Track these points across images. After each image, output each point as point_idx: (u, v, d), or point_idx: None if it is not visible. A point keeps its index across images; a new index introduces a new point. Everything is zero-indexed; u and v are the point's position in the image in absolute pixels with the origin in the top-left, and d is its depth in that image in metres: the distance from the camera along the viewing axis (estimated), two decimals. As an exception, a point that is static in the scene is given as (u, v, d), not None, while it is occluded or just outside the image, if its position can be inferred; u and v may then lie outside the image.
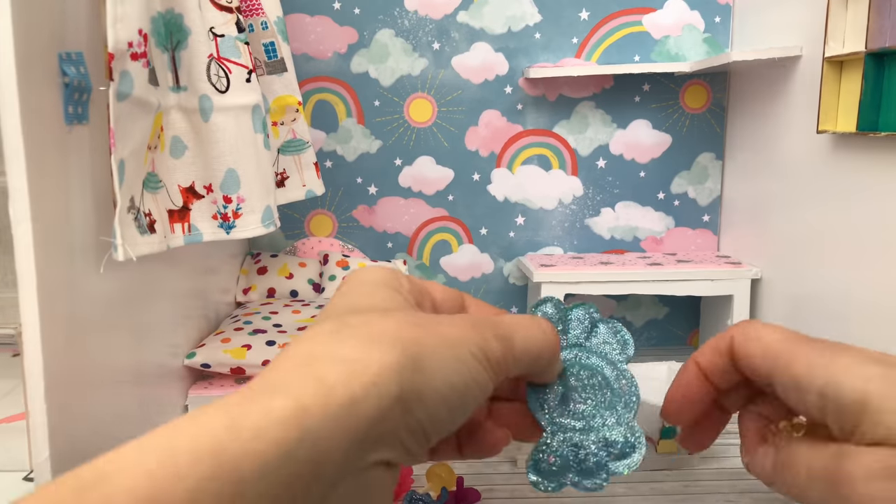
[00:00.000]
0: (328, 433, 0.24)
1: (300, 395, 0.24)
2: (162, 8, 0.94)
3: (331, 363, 0.26)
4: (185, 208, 1.03)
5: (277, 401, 0.24)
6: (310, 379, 0.25)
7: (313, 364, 0.26)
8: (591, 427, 0.34)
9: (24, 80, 0.72)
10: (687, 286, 1.37)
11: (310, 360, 0.26)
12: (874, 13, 0.93)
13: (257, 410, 0.24)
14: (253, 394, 0.25)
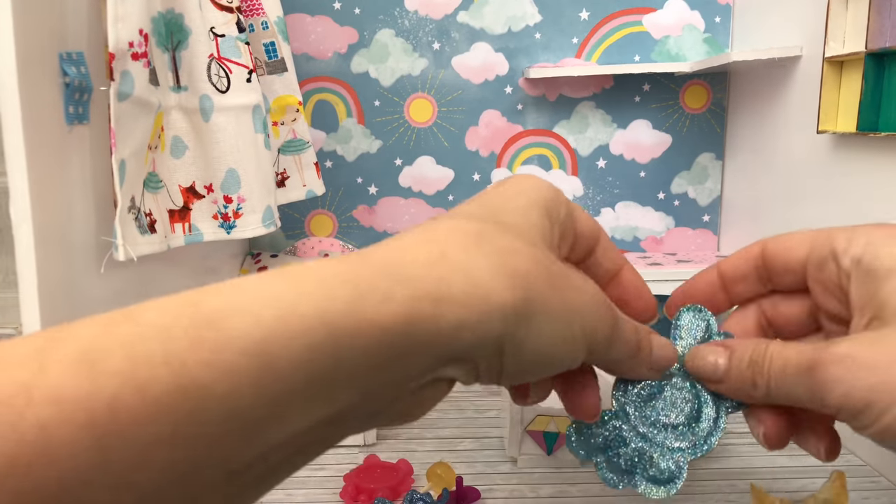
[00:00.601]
0: (428, 341, 0.25)
1: (421, 295, 0.25)
2: (162, 8, 0.94)
3: (459, 276, 0.26)
4: (186, 208, 1.03)
5: (399, 293, 0.24)
6: (434, 283, 0.25)
7: (445, 267, 0.26)
8: (651, 439, 0.34)
9: (24, 79, 0.72)
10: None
11: (443, 261, 0.26)
12: (874, 13, 0.93)
13: (378, 295, 0.24)
14: (381, 274, 0.25)
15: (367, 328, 0.23)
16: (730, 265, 0.39)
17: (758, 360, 0.33)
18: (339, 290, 0.23)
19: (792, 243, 0.37)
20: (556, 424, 0.88)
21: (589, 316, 0.30)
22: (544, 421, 0.88)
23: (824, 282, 0.35)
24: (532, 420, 0.88)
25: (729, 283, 0.39)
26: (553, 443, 0.89)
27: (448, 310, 0.25)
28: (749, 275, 0.38)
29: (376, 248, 0.27)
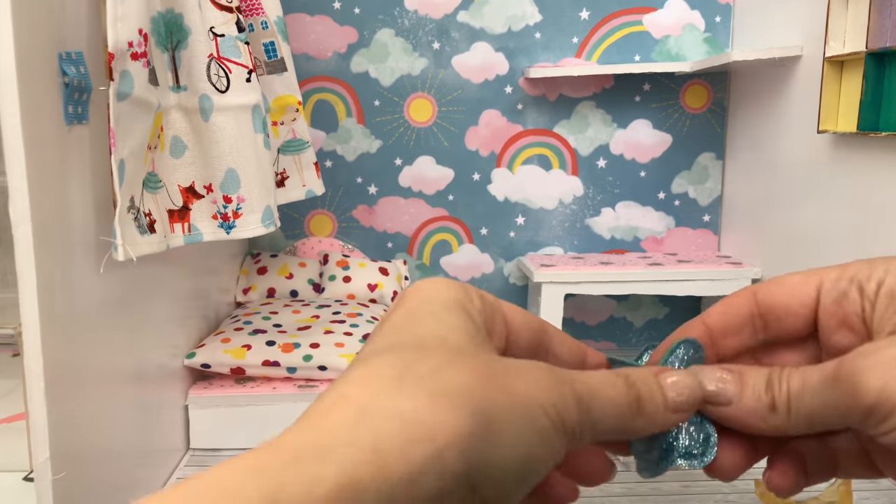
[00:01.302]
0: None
1: (352, 464, 0.21)
2: (162, 8, 0.94)
3: (389, 423, 0.22)
4: (185, 208, 1.03)
5: (327, 470, 0.20)
6: (364, 445, 0.21)
7: (369, 422, 0.22)
8: None
9: (24, 79, 0.71)
10: (687, 286, 1.37)
11: (364, 416, 0.22)
12: (875, 13, 0.93)
13: (302, 482, 0.20)
14: (297, 458, 0.21)
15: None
16: (718, 317, 0.34)
17: (774, 380, 0.31)
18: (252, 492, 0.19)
19: (792, 283, 0.34)
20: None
21: (549, 398, 0.25)
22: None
23: (844, 315, 0.32)
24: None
25: (718, 336, 0.35)
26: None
27: (392, 468, 0.21)
28: (743, 326, 0.34)
29: (287, 431, 0.23)
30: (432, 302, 0.27)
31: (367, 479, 0.21)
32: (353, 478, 0.20)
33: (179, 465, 1.01)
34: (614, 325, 1.62)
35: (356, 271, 1.56)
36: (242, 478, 0.20)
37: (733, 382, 0.31)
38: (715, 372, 0.32)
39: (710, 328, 0.34)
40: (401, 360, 0.24)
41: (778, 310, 0.33)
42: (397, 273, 1.62)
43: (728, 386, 0.31)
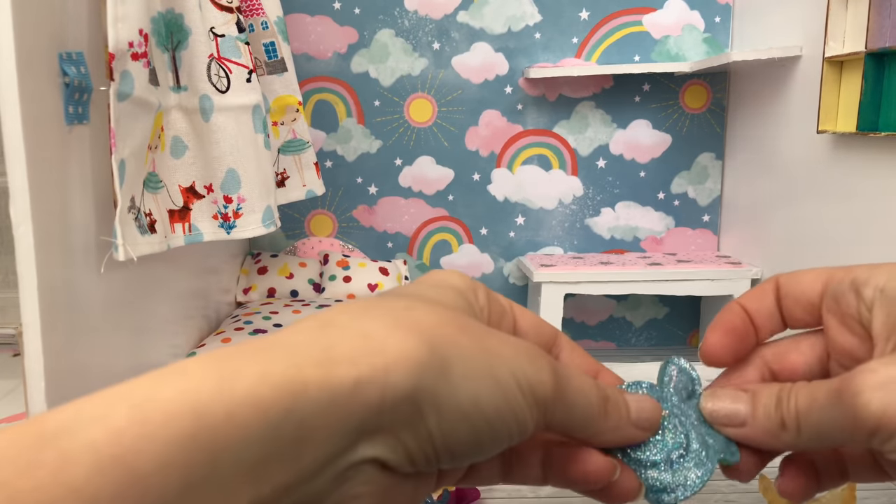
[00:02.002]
0: (321, 411, 0.21)
1: (303, 363, 0.21)
2: (162, 8, 0.94)
3: (346, 334, 0.23)
4: (186, 208, 1.03)
5: (277, 364, 0.21)
6: (318, 347, 0.22)
7: (328, 330, 0.23)
8: None
9: (24, 80, 0.72)
10: (687, 286, 1.37)
11: (326, 325, 0.23)
12: (874, 13, 0.93)
13: (253, 370, 0.20)
14: (254, 350, 0.21)
15: (244, 410, 0.20)
16: (752, 301, 0.36)
17: (783, 397, 0.31)
18: (206, 373, 0.20)
19: (806, 277, 0.35)
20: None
21: (518, 361, 0.25)
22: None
23: (841, 314, 0.33)
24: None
25: (756, 317, 0.37)
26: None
27: (339, 371, 0.21)
28: (773, 311, 0.36)
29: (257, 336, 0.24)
30: (440, 283, 0.28)
31: (314, 378, 0.21)
32: (302, 374, 0.21)
33: (180, 465, 1.01)
34: (614, 325, 1.63)
35: (356, 271, 1.56)
36: (203, 363, 0.20)
37: (746, 402, 0.31)
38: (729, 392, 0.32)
39: (748, 311, 0.35)
40: (379, 299, 0.25)
41: (790, 299, 0.34)
42: (397, 273, 1.62)
43: (741, 406, 0.31)
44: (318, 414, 0.21)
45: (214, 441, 0.19)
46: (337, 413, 0.21)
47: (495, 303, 0.29)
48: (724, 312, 0.36)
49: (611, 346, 1.61)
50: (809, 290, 0.34)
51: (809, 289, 0.34)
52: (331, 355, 0.22)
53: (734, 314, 0.36)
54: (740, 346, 0.36)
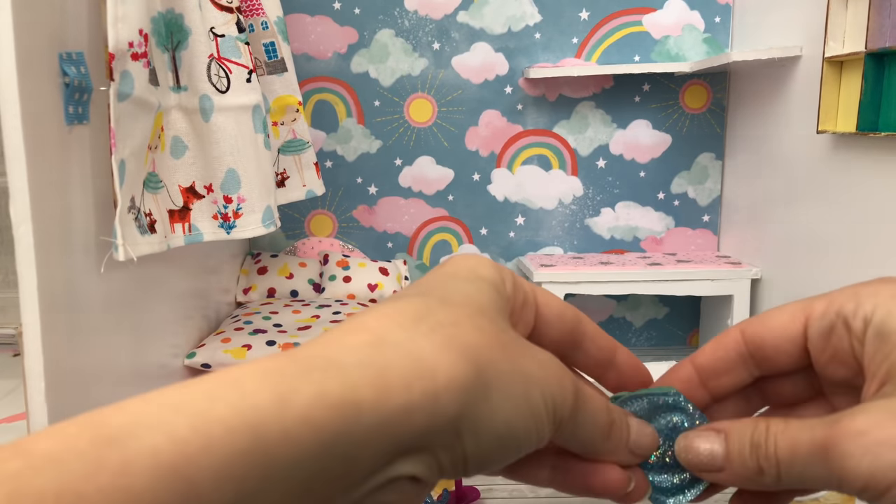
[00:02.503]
0: (372, 433, 0.22)
1: (358, 384, 0.22)
2: (162, 8, 0.94)
3: (399, 355, 0.23)
4: (186, 208, 1.03)
5: (333, 384, 0.22)
6: (372, 368, 0.23)
7: (382, 350, 0.23)
8: None
9: (24, 80, 0.72)
10: (687, 286, 1.37)
11: (379, 344, 0.23)
12: (874, 13, 0.93)
13: (309, 391, 0.21)
14: (307, 366, 0.22)
15: (299, 429, 0.21)
16: (707, 358, 0.33)
17: (760, 442, 0.29)
18: (262, 389, 0.21)
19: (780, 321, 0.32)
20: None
21: (548, 383, 0.27)
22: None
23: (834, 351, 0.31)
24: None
25: (709, 377, 0.34)
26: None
27: (392, 395, 0.22)
28: (733, 365, 0.33)
29: (305, 344, 0.24)
30: (468, 272, 0.28)
31: (369, 401, 0.22)
32: (357, 396, 0.21)
33: (180, 465, 1.01)
34: (614, 325, 1.63)
35: (356, 271, 1.56)
36: (259, 378, 0.21)
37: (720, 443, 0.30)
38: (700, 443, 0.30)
39: (698, 369, 0.33)
40: (425, 305, 0.25)
41: (767, 349, 0.32)
42: (397, 273, 1.62)
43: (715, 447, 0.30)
44: (369, 435, 0.22)
45: (269, 458, 0.20)
46: (386, 435, 0.22)
47: (520, 291, 0.30)
48: (669, 372, 0.34)
49: (611, 346, 1.62)
50: (786, 333, 0.31)
51: (786, 332, 0.31)
52: (385, 379, 0.22)
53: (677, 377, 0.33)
54: None
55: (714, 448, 0.30)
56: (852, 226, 1.04)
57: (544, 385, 0.26)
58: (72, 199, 0.83)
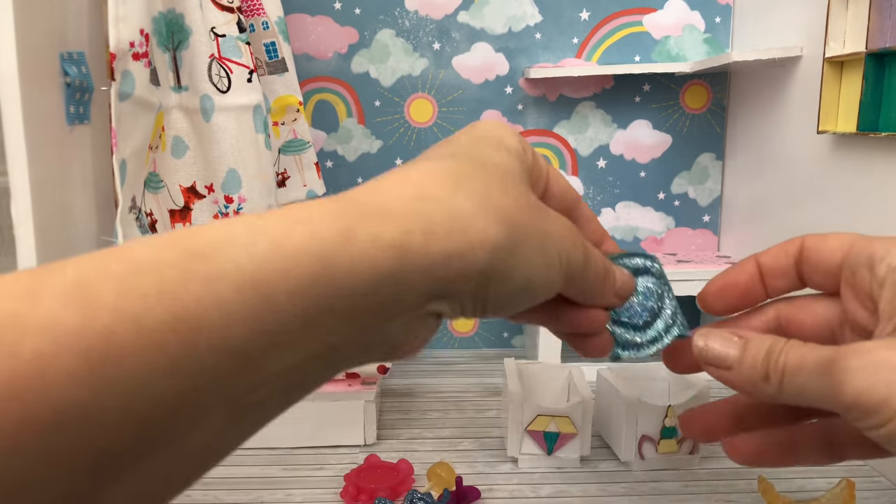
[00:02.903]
0: (418, 276, 0.25)
1: (409, 230, 0.25)
2: (163, 8, 0.94)
3: (444, 210, 0.26)
4: (187, 208, 1.03)
5: (388, 229, 0.25)
6: (420, 218, 0.26)
7: (427, 204, 0.26)
8: None
9: (25, 80, 0.72)
10: (687, 286, 1.37)
11: (424, 198, 0.27)
12: (875, 13, 0.93)
13: (368, 232, 0.24)
14: (366, 212, 0.25)
15: (361, 264, 0.24)
16: (770, 258, 0.38)
17: (774, 351, 0.32)
18: (330, 226, 0.24)
19: (830, 244, 0.37)
20: (557, 424, 0.88)
21: (565, 242, 0.31)
22: (544, 421, 0.88)
23: (856, 287, 0.34)
24: (532, 420, 0.88)
25: (768, 276, 0.38)
26: (553, 443, 0.89)
27: (437, 243, 0.25)
28: (789, 270, 0.37)
29: (356, 190, 0.27)
30: (496, 141, 0.32)
31: (416, 247, 0.25)
32: (407, 242, 0.25)
33: (180, 465, 1.01)
34: (614, 325, 1.63)
35: (356, 271, 1.56)
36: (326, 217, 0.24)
37: (737, 348, 0.33)
38: (722, 334, 0.34)
39: (762, 267, 0.37)
40: (460, 168, 0.29)
41: (811, 264, 0.36)
42: (397, 273, 1.62)
43: (731, 350, 0.33)
44: (415, 278, 0.25)
45: (333, 286, 0.23)
46: (429, 278, 0.26)
47: (537, 163, 0.35)
48: (735, 266, 0.38)
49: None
50: (830, 257, 0.35)
51: (830, 256, 0.35)
52: (433, 228, 0.26)
53: (742, 270, 0.38)
54: (738, 301, 0.38)
55: (729, 349, 0.33)
56: (853, 226, 1.04)
57: (561, 244, 0.31)
58: (73, 199, 0.83)
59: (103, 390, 0.19)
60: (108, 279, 0.20)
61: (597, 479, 0.87)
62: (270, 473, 0.91)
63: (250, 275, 0.22)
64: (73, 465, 0.19)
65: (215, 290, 0.21)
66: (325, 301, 0.23)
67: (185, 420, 0.21)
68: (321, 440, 0.98)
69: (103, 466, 0.19)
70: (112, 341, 0.19)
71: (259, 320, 0.21)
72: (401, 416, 1.10)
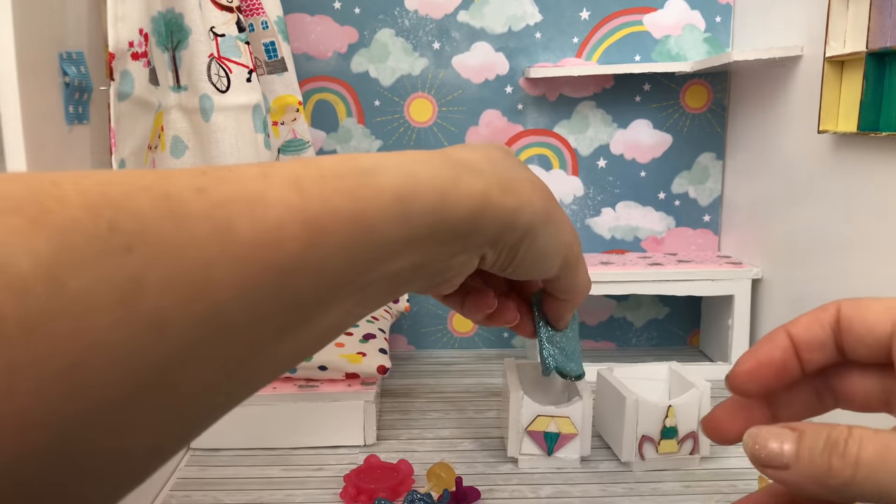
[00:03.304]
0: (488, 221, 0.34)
1: (492, 183, 0.34)
2: (162, 7, 0.94)
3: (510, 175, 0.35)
4: (186, 208, 1.03)
5: (479, 181, 0.33)
6: (498, 178, 0.34)
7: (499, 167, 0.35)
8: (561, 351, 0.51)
9: (24, 80, 0.71)
10: (687, 286, 1.37)
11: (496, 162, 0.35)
12: (875, 13, 0.93)
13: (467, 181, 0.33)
14: (466, 167, 0.33)
15: (461, 202, 0.32)
16: (803, 330, 0.33)
17: (838, 441, 0.27)
18: (446, 171, 0.32)
19: (874, 311, 0.31)
20: (557, 425, 0.88)
21: (571, 236, 0.40)
22: (545, 421, 0.88)
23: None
24: (532, 420, 0.88)
25: (803, 349, 0.32)
26: (553, 443, 0.89)
27: (507, 198, 0.34)
28: (826, 342, 0.32)
29: (452, 150, 0.35)
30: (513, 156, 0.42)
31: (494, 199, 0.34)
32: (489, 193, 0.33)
33: (179, 466, 1.01)
34: (614, 325, 1.63)
35: (356, 271, 1.55)
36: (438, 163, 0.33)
37: (792, 441, 0.27)
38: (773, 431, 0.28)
39: (795, 340, 0.32)
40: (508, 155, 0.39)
41: (852, 336, 0.30)
42: (397, 273, 1.62)
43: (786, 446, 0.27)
44: (487, 222, 0.34)
45: (442, 215, 0.31)
46: (495, 224, 0.34)
47: None
48: (767, 341, 0.33)
49: (611, 346, 1.61)
50: (878, 326, 0.29)
51: (877, 325, 0.29)
52: (505, 186, 0.34)
53: (776, 345, 0.33)
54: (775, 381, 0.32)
55: (785, 446, 0.28)
56: (853, 226, 1.04)
57: (568, 237, 0.40)
58: (72, 199, 0.83)
59: (310, 252, 0.26)
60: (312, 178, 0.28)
61: (597, 480, 0.87)
62: (270, 474, 0.91)
63: (398, 190, 0.29)
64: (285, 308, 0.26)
65: (379, 203, 0.29)
66: (436, 223, 0.31)
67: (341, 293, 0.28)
68: (321, 440, 0.98)
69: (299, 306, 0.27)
70: (318, 219, 0.27)
71: (402, 225, 0.29)
72: (401, 416, 1.10)
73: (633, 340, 1.62)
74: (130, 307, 0.20)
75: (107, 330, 0.20)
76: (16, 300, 0.18)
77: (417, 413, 1.12)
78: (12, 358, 0.18)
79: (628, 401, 0.89)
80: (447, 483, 0.81)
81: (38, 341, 0.18)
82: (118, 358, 0.20)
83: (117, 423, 0.21)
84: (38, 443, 0.19)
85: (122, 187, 0.22)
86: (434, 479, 0.82)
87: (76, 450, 0.20)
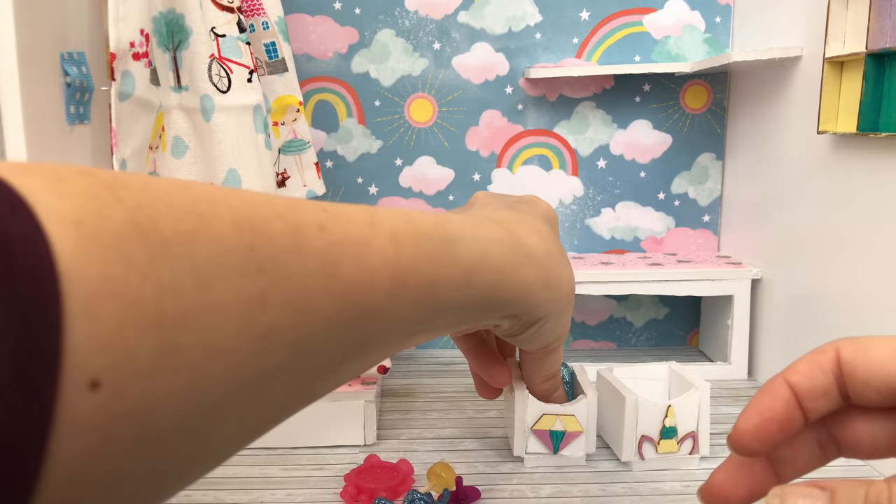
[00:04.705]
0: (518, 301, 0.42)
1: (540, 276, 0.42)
2: (163, 8, 0.94)
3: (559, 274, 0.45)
4: (187, 208, 1.03)
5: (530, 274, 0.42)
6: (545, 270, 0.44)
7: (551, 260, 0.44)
8: None
9: (25, 79, 0.72)
10: (687, 286, 1.38)
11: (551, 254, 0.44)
12: (875, 13, 0.93)
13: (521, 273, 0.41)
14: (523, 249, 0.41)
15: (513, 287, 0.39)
16: (802, 377, 0.30)
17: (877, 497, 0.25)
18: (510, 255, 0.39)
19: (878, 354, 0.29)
20: (563, 423, 0.88)
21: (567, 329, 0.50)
22: (550, 420, 0.88)
23: None
24: (538, 419, 0.88)
25: (805, 399, 0.30)
26: (559, 441, 0.89)
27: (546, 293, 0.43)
28: (829, 389, 0.30)
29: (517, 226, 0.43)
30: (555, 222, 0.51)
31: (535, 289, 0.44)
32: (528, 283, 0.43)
33: (180, 465, 1.01)
34: (614, 325, 1.63)
35: (356, 271, 1.55)
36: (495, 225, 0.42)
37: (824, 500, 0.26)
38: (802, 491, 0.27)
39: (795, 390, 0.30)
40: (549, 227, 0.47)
41: (857, 381, 0.28)
42: (398, 273, 1.62)
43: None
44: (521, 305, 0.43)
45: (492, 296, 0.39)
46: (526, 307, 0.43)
47: None
48: (766, 392, 0.30)
49: (611, 346, 1.61)
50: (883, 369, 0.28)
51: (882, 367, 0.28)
52: (550, 282, 0.44)
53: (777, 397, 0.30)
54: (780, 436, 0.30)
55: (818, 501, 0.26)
56: (853, 226, 1.04)
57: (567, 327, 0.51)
58: (73, 199, 0.83)
59: (390, 301, 0.30)
60: (407, 234, 0.31)
61: (597, 480, 0.87)
62: (270, 473, 0.91)
63: (470, 265, 0.35)
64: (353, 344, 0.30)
65: (451, 271, 0.34)
66: (486, 298, 0.37)
67: (395, 339, 0.33)
68: (321, 440, 0.98)
69: (364, 344, 0.30)
70: (404, 274, 0.31)
71: (461, 293, 0.35)
72: (401, 416, 1.10)
73: (633, 340, 1.62)
74: (252, 321, 0.23)
75: (233, 337, 0.22)
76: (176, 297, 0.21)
77: (418, 413, 1.12)
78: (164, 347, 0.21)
79: (628, 401, 0.89)
80: (447, 483, 0.81)
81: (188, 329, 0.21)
82: (233, 364, 0.23)
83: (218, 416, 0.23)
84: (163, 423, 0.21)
85: (262, 211, 0.26)
86: (434, 478, 0.82)
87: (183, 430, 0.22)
